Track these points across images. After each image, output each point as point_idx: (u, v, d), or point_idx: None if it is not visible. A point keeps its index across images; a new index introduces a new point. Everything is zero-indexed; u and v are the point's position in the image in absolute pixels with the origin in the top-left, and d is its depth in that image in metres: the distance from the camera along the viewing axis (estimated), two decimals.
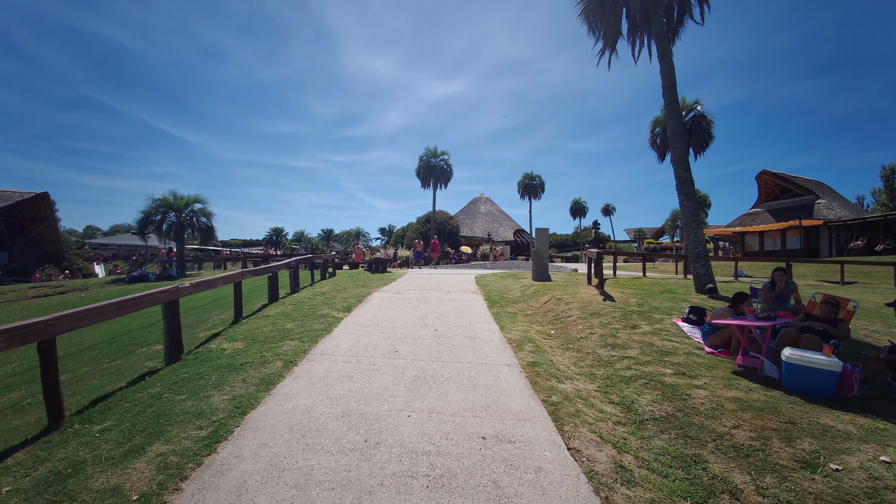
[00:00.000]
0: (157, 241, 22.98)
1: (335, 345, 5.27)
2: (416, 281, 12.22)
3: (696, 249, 8.58)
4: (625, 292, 8.42)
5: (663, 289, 8.97)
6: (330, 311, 7.32)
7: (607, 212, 67.81)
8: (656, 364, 4.95)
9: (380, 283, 11.60)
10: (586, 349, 5.62)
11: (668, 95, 9.19)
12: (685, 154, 8.94)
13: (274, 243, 66.09)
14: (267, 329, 5.95)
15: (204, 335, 6.20)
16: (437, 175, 36.78)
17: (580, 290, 8.72)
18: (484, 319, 6.91)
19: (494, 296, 9.27)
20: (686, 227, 8.73)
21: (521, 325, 6.67)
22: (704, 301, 7.49)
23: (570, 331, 6.40)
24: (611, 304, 7.31)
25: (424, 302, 8.34)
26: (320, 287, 10.72)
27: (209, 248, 73.17)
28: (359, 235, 72.23)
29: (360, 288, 10.34)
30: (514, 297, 9.08)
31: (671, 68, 9.20)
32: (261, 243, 71.66)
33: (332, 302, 8.21)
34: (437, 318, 6.91)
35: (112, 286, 18.50)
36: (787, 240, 29.84)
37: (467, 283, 11.89)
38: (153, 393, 3.85)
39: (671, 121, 9.10)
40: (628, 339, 5.73)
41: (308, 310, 7.40)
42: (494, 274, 14.62)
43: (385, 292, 9.67)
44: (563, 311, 7.26)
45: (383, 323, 6.53)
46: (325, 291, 9.73)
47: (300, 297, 9.00)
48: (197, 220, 22.25)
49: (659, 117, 24.72)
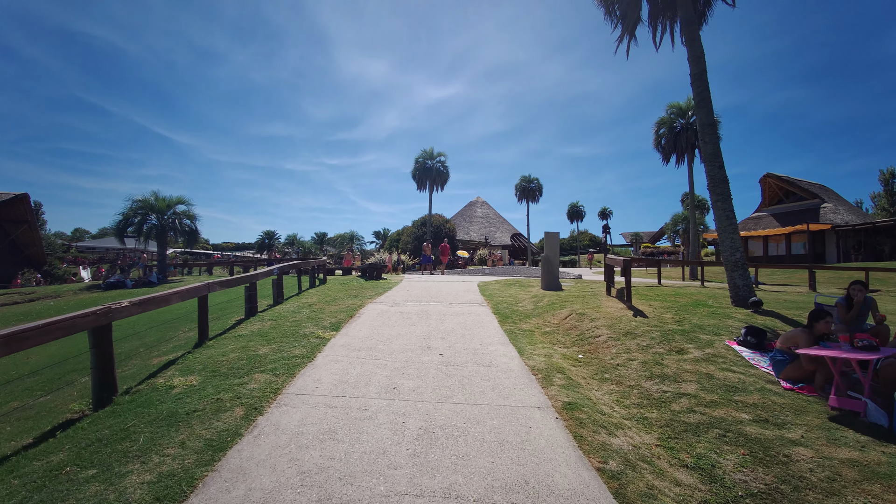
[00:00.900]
0: (137, 244, 21.68)
1: (317, 379, 4.17)
2: (413, 290, 11.13)
3: (732, 257, 7.58)
4: (653, 305, 7.40)
5: (693, 301, 7.96)
6: (315, 329, 6.21)
7: (604, 215, 67.28)
8: (726, 405, 3.91)
9: (374, 292, 10.50)
10: (628, 381, 4.56)
11: (697, 84, 8.22)
12: (718, 149, 7.96)
13: (266, 247, 64.77)
14: (234, 356, 4.83)
15: (158, 362, 5.07)
16: (433, 177, 35.79)
17: (603, 303, 7.68)
18: (497, 340, 5.84)
19: (504, 308, 8.20)
20: (721, 231, 7.74)
21: (542, 348, 5.61)
22: (750, 317, 6.48)
23: (601, 355, 5.35)
24: (643, 320, 6.27)
25: (425, 316, 7.26)
26: (308, 297, 9.60)
27: (200, 251, 71.80)
28: (353, 239, 70.95)
29: (352, 299, 9.24)
30: (527, 311, 8.02)
31: (700, 54, 8.24)
32: (253, 247, 70.17)
33: (318, 317, 7.10)
34: (441, 339, 5.83)
35: (86, 293, 17.22)
36: (791, 245, 29.13)
37: (470, 291, 10.82)
38: (54, 463, 2.73)
39: (702, 112, 8.12)
40: (678, 367, 4.68)
41: (290, 328, 6.29)
42: (497, 281, 13.56)
43: (380, 304, 8.58)
44: (588, 330, 6.20)
45: (378, 345, 5.44)
46: (312, 303, 8.61)
47: (283, 310, 7.88)
48: (180, 223, 21.00)
49: (664, 118, 23.90)
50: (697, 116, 8.22)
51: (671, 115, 23.56)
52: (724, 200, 7.79)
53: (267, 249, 64.08)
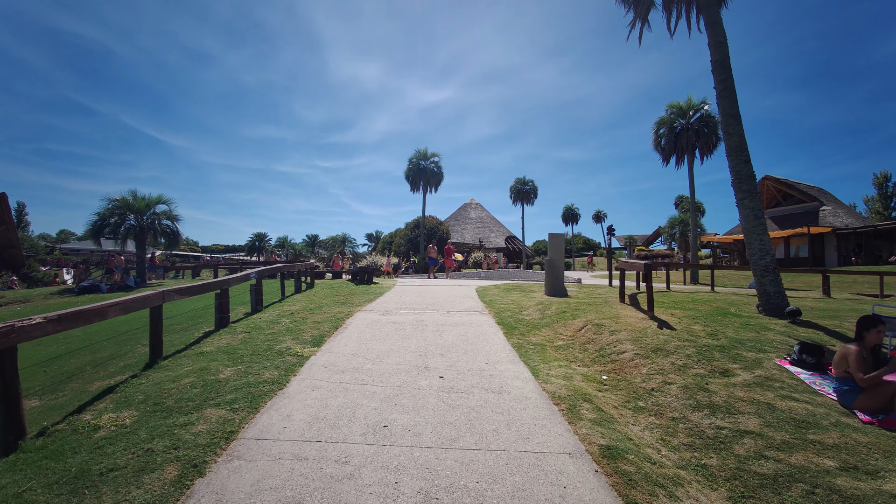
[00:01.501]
0: (115, 246, 20.53)
1: (287, 414, 3.30)
2: (407, 296, 10.28)
3: (762, 260, 6.84)
4: (676, 314, 6.63)
5: (715, 309, 7.21)
6: (293, 344, 5.33)
7: (598, 218, 66.93)
8: (802, 448, 3.12)
9: (364, 298, 9.63)
10: (670, 411, 3.76)
11: (719, 71, 7.50)
12: (743, 142, 7.24)
13: (257, 249, 63.44)
14: (188, 381, 3.95)
15: (98, 387, 4.17)
16: (427, 178, 34.96)
17: (619, 312, 6.88)
18: (505, 356, 5.01)
19: (507, 317, 7.38)
20: (749, 232, 6.99)
21: (559, 367, 4.79)
22: (790, 329, 5.72)
23: (630, 376, 4.54)
24: (671, 333, 5.49)
25: (421, 328, 6.41)
26: (291, 304, 8.70)
27: (189, 253, 70.34)
28: (345, 241, 69.65)
29: (340, 306, 8.36)
30: (534, 320, 7.21)
31: (722, 39, 7.52)
32: (243, 249, 68.70)
33: (299, 329, 6.22)
34: (440, 355, 4.99)
35: (57, 298, 16.11)
36: (790, 248, 28.74)
37: (468, 297, 10.00)
38: None
39: (725, 102, 7.40)
40: (729, 394, 3.89)
41: (264, 342, 5.41)
42: (496, 286, 12.75)
43: (370, 312, 7.71)
44: (610, 344, 5.39)
45: (365, 365, 4.58)
46: (294, 311, 7.72)
47: (261, 319, 6.98)
48: (160, 224, 19.91)
49: (664, 118, 23.32)
50: (720, 107, 7.49)
51: (671, 115, 22.99)
52: (751, 198, 7.05)
53: (257, 252, 62.69)
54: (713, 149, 22.49)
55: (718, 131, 22.50)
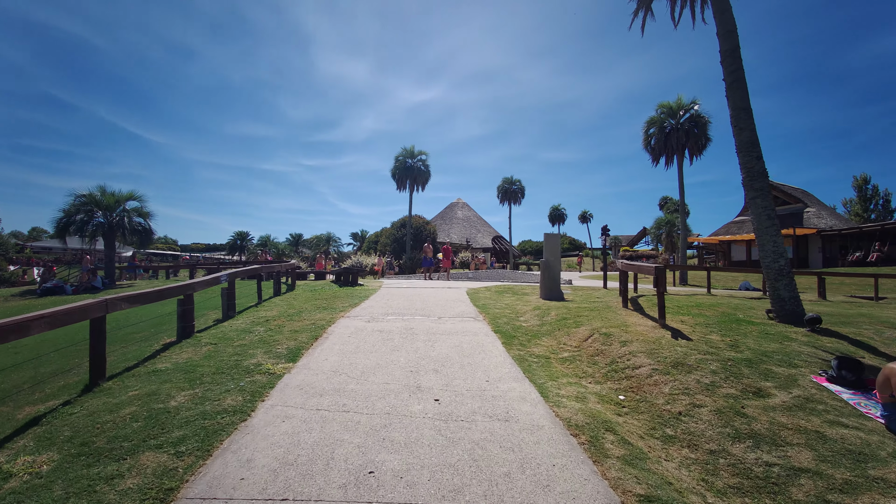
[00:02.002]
0: (82, 244, 19.32)
1: (247, 458, 2.66)
2: (394, 299, 9.65)
3: (776, 263, 6.42)
4: (685, 321, 6.15)
5: (724, 315, 6.77)
6: (265, 359, 4.66)
7: (584, 219, 67.04)
8: (866, 488, 2.62)
9: (348, 301, 8.96)
10: (705, 441, 3.23)
11: (729, 62, 7.07)
12: (755, 138, 6.82)
13: (238, 248, 61.89)
14: (130, 411, 3.26)
15: (26, 415, 3.45)
16: (413, 176, 34.28)
17: (627, 320, 6.38)
18: (507, 372, 4.44)
19: (504, 324, 6.82)
20: (761, 234, 6.57)
21: (569, 384, 4.23)
22: (813, 338, 5.29)
23: (651, 396, 4.01)
24: (688, 344, 4.99)
25: (411, 337, 5.80)
26: (268, 309, 7.98)
27: (167, 252, 68.19)
28: (329, 241, 68.48)
29: (321, 311, 7.68)
30: (532, 328, 6.66)
31: (732, 27, 7.10)
32: (224, 248, 66.89)
33: (274, 339, 5.54)
34: (434, 371, 4.39)
35: (18, 300, 14.98)
36: None
37: (459, 301, 9.42)
38: None
39: (736, 95, 6.97)
40: (770, 420, 3.38)
41: (231, 357, 4.72)
42: (488, 288, 12.21)
43: (354, 318, 7.06)
44: (622, 357, 4.86)
45: (348, 385, 3.95)
46: (270, 318, 7.03)
47: (232, 328, 6.28)
48: (130, 221, 18.79)
49: (654, 117, 23.12)
50: (730, 99, 7.06)
51: (661, 114, 22.80)
52: (763, 197, 6.64)
53: (239, 251, 61.11)
54: (702, 149, 22.38)
55: (708, 132, 22.41)
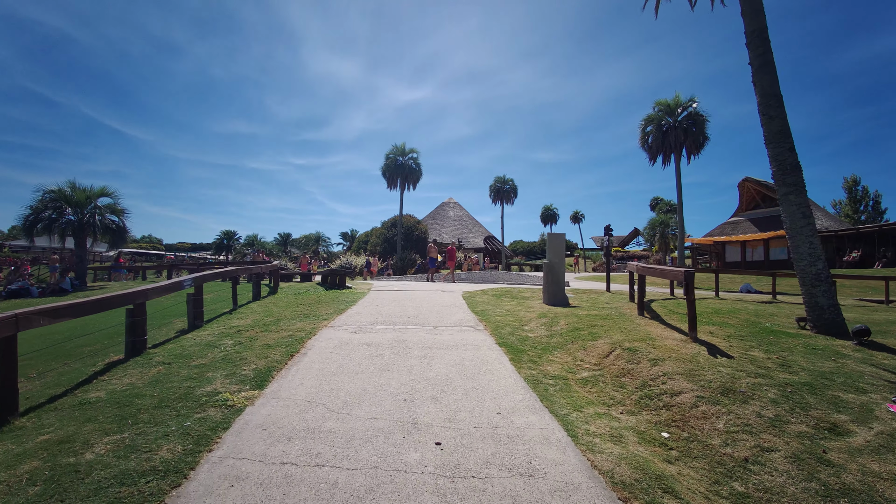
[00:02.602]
0: (51, 243, 18.12)
1: None
2: (384, 305, 8.81)
3: (813, 267, 5.74)
4: (716, 333, 5.43)
5: (749, 324, 6.08)
6: (226, 384, 3.81)
7: (576, 219, 66.76)
8: None
9: (333, 307, 8.11)
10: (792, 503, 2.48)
11: (756, 43, 6.39)
12: (786, 127, 6.14)
13: (225, 248, 60.47)
14: (28, 469, 2.39)
15: None
16: (404, 175, 33.42)
17: (649, 331, 5.63)
18: (522, 400, 3.65)
19: (508, 335, 6.04)
20: (795, 234, 5.89)
21: (597, 416, 3.46)
22: (866, 355, 4.59)
23: (701, 433, 3.25)
24: (731, 363, 4.25)
25: (403, 352, 4.98)
26: (242, 317, 7.10)
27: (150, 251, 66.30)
28: (318, 240, 67.26)
29: (302, 319, 6.82)
30: (541, 339, 5.89)
31: (759, 5, 6.42)
32: (211, 247, 65.23)
33: (241, 356, 4.68)
34: (432, 401, 3.59)
35: None
36: (770, 250, 28.72)
37: (456, 307, 8.62)
38: None
39: (764, 80, 6.28)
40: (861, 468, 2.65)
41: (183, 382, 3.86)
42: (484, 292, 11.43)
43: (339, 328, 6.22)
44: (655, 380, 4.11)
45: (326, 423, 3.12)
46: (243, 328, 6.15)
47: (194, 341, 5.40)
48: (103, 219, 17.63)
49: (651, 115, 22.61)
50: (757, 85, 6.37)
51: (659, 112, 22.30)
52: (797, 193, 5.95)
53: (226, 250, 59.67)
54: (700, 148, 21.94)
55: (706, 130, 21.96)
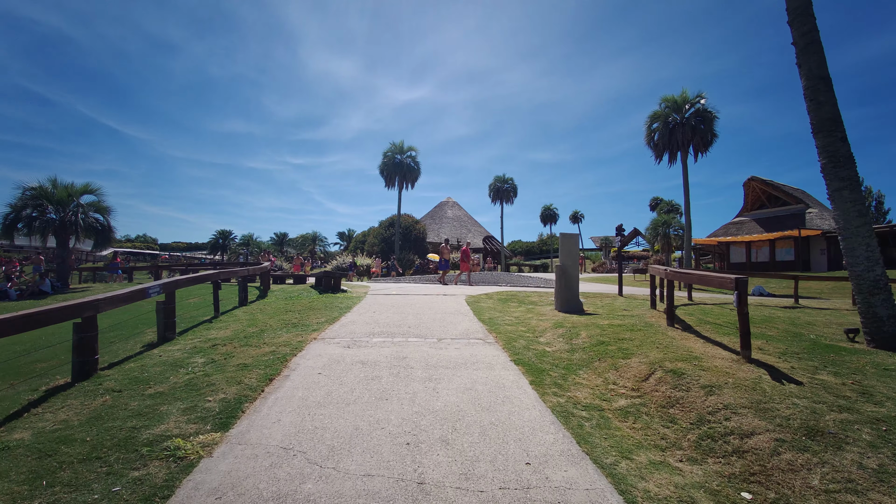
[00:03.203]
0: (32, 242, 17.28)
1: None
2: (382, 311, 8.06)
3: (870, 273, 5.02)
4: (767, 350, 4.70)
5: (794, 336, 5.37)
6: (181, 423, 3.05)
7: (575, 219, 66.21)
8: None
9: (325, 315, 7.36)
10: None
11: (800, 21, 5.67)
12: (837, 114, 5.42)
13: (220, 247, 59.60)
14: None
15: None
16: (403, 173, 32.66)
17: (689, 347, 4.87)
18: (553, 442, 2.91)
19: (523, 349, 5.29)
20: (849, 235, 5.17)
21: (652, 466, 2.73)
22: None
23: (793, 494, 2.52)
24: (803, 392, 3.50)
25: (405, 372, 4.23)
26: (221, 327, 6.33)
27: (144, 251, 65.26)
28: (315, 240, 66.37)
29: (289, 330, 6.06)
30: (561, 354, 5.14)
31: None
32: (206, 247, 64.25)
33: (209, 381, 3.91)
34: (441, 444, 2.84)
35: None
36: (776, 251, 28.09)
37: (460, 314, 7.88)
38: None
39: (811, 61, 5.57)
40: None
41: (129, 418, 3.09)
42: (489, 296, 10.69)
43: (330, 342, 5.46)
44: (713, 413, 3.36)
45: (303, 485, 2.36)
46: (220, 341, 5.39)
47: (159, 358, 4.63)
48: (86, 218, 16.78)
49: (657, 111, 21.91)
50: (803, 67, 5.66)
51: (665, 109, 21.61)
52: (851, 188, 5.23)
53: (221, 250, 58.77)
54: (708, 146, 21.27)
55: (714, 127, 21.28)
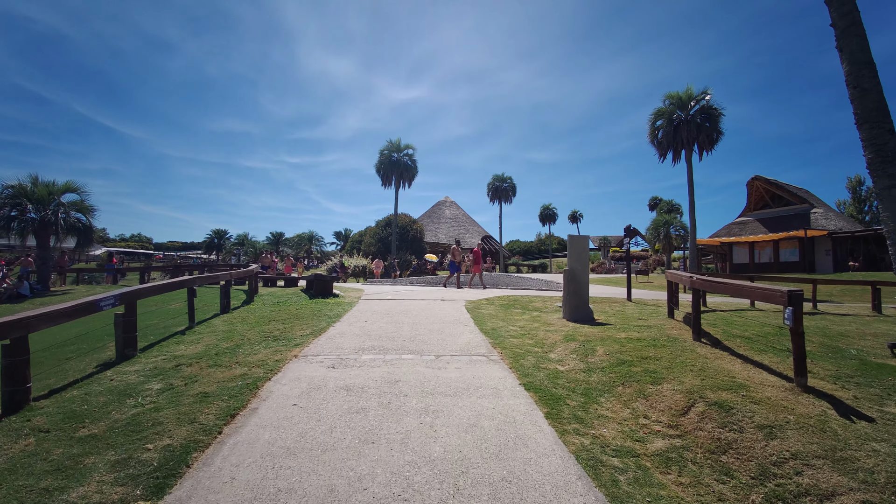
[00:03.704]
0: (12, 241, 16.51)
1: None
2: (375, 320, 7.42)
3: None
4: (816, 372, 4.09)
5: (836, 352, 4.77)
6: (102, 487, 2.41)
7: (574, 219, 65.65)
8: None
9: (311, 325, 6.71)
10: None
11: (839, 2, 5.05)
12: (883, 102, 4.81)
13: (215, 247, 58.78)
14: None
15: None
16: (399, 172, 32.01)
17: (729, 369, 4.22)
18: None
19: (532, 368, 4.66)
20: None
21: None
22: None
23: None
24: (878, 432, 2.90)
25: (397, 402, 3.59)
26: (192, 340, 5.68)
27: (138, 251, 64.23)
28: (311, 239, 65.62)
29: (268, 344, 5.42)
30: (577, 375, 4.51)
31: None
32: (200, 247, 63.37)
33: (155, 420, 3.25)
34: None
35: None
36: (780, 251, 27.58)
37: (460, 322, 7.24)
38: None
39: (853, 43, 4.95)
40: None
41: (39, 480, 2.43)
42: (489, 300, 10.05)
43: (312, 361, 4.81)
44: (779, 465, 2.72)
45: None
46: (186, 360, 4.73)
47: (111, 383, 3.97)
48: (67, 217, 16.04)
49: (661, 108, 21.32)
50: (844, 51, 5.04)
51: (670, 106, 21.02)
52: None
53: (216, 249, 57.97)
54: (714, 143, 20.68)
55: (720, 125, 20.71)
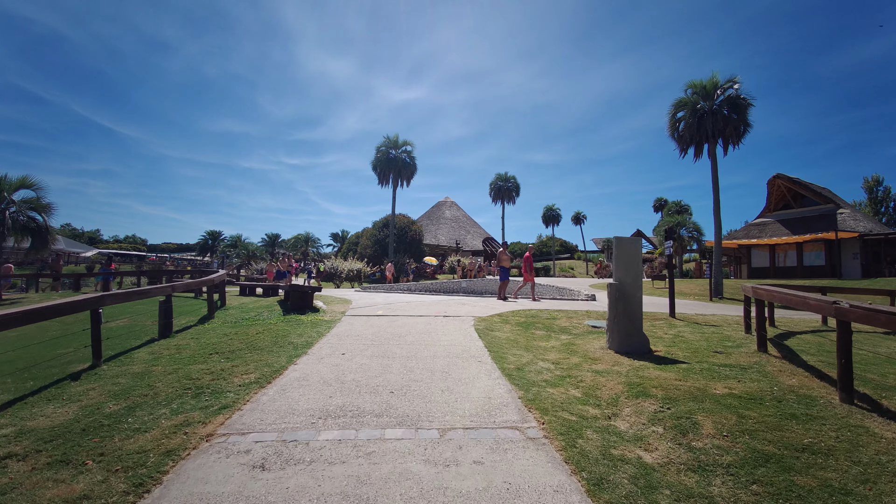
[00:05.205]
0: None
1: None
2: (356, 354, 5.56)
3: None
4: None
5: None
6: None
7: (577, 220, 63.86)
8: None
9: (265, 363, 4.87)
10: None
11: None
12: None
13: (209, 248, 57.02)
14: None
15: None
16: (398, 170, 30.15)
17: None
18: None
19: (600, 460, 2.82)
20: None
21: None
22: None
23: None
24: None
25: None
26: (72, 396, 3.84)
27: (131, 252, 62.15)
28: (308, 241, 63.84)
29: (179, 408, 3.57)
30: (685, 478, 2.66)
31: None
32: (194, 248, 61.48)
33: None
34: None
35: None
36: (804, 255, 25.74)
37: (471, 357, 5.39)
38: None
39: None
40: None
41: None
42: (503, 318, 8.20)
43: (230, 452, 2.96)
44: None
45: None
46: (31, 440, 2.90)
47: None
48: (21, 216, 14.21)
49: (683, 98, 19.42)
50: None
51: (693, 95, 19.15)
52: None
53: (210, 251, 56.22)
54: (741, 137, 18.81)
55: (748, 116, 18.85)
